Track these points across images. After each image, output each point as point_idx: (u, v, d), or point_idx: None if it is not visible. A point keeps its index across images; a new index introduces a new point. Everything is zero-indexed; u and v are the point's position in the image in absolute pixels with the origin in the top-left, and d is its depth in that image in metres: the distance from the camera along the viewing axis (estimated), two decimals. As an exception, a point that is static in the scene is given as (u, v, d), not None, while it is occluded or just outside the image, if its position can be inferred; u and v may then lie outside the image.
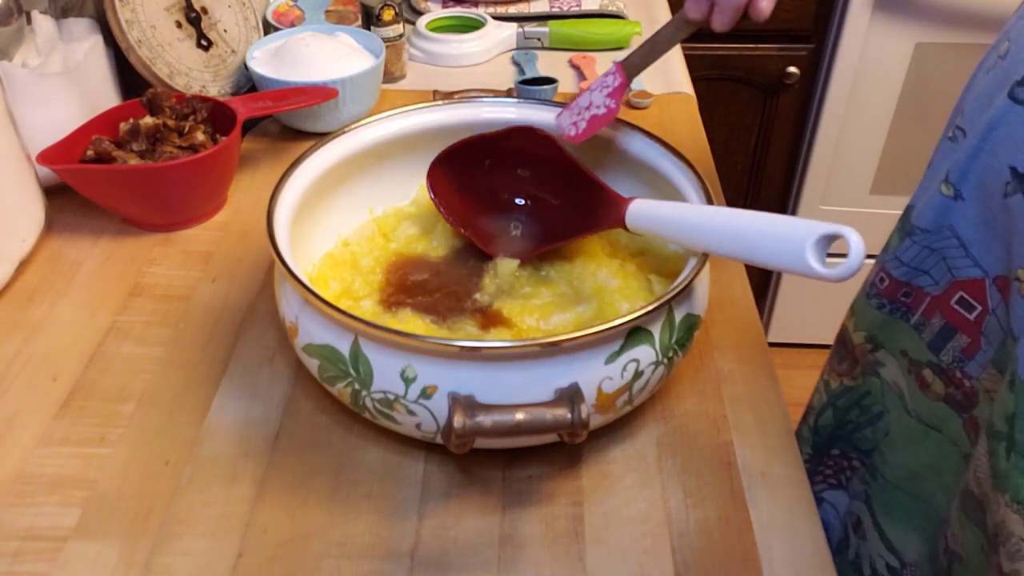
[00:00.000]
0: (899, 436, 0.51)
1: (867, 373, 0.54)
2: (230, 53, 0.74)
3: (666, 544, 0.42)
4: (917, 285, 0.48)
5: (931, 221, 0.47)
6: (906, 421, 0.50)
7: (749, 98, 1.33)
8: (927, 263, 0.47)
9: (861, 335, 0.53)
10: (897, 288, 0.50)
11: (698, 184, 0.49)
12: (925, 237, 0.47)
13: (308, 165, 0.51)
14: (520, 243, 0.54)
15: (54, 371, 0.51)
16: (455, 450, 0.38)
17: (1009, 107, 0.40)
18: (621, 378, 0.42)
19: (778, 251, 0.38)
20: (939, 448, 0.49)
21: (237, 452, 0.46)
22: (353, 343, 0.42)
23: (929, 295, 0.47)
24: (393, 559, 0.42)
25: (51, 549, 0.42)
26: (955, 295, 0.46)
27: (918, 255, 0.48)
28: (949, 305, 0.46)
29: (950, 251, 0.46)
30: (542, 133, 0.52)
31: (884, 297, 0.51)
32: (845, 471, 0.56)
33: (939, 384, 0.48)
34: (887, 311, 0.51)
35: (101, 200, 0.61)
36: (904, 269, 0.49)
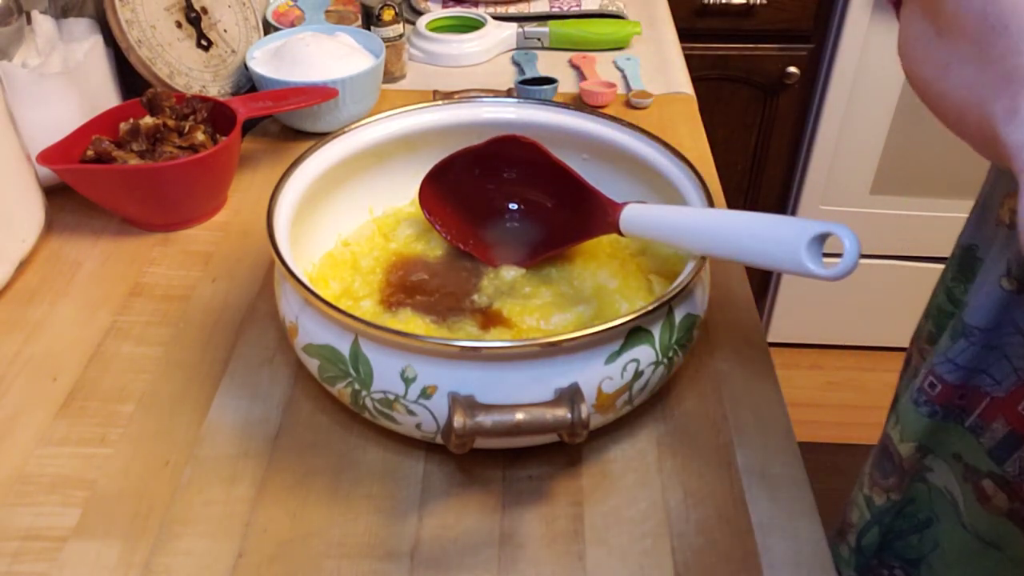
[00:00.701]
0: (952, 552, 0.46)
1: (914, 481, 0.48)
2: (230, 53, 0.74)
3: (666, 544, 0.42)
4: (975, 385, 0.43)
5: (990, 319, 0.41)
6: (960, 535, 0.45)
7: (749, 98, 1.33)
8: (986, 362, 0.42)
9: (910, 447, 0.47)
10: (951, 392, 0.44)
11: (698, 184, 0.49)
12: (983, 336, 0.42)
13: (308, 165, 0.51)
14: (518, 249, 0.54)
15: (54, 371, 0.51)
16: (455, 450, 0.38)
17: None
18: (621, 378, 0.42)
19: (773, 252, 0.38)
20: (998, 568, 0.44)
21: (237, 452, 0.46)
22: (353, 343, 0.42)
23: (989, 395, 0.42)
24: (393, 559, 0.42)
25: (51, 549, 0.42)
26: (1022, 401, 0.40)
27: (976, 356, 0.42)
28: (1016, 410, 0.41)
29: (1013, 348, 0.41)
30: (527, 141, 0.51)
31: (936, 404, 0.45)
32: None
33: (1002, 498, 0.42)
34: (937, 417, 0.45)
35: (101, 200, 0.61)
36: (961, 372, 0.43)
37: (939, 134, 0.50)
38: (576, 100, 0.79)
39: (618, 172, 0.56)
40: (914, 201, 1.37)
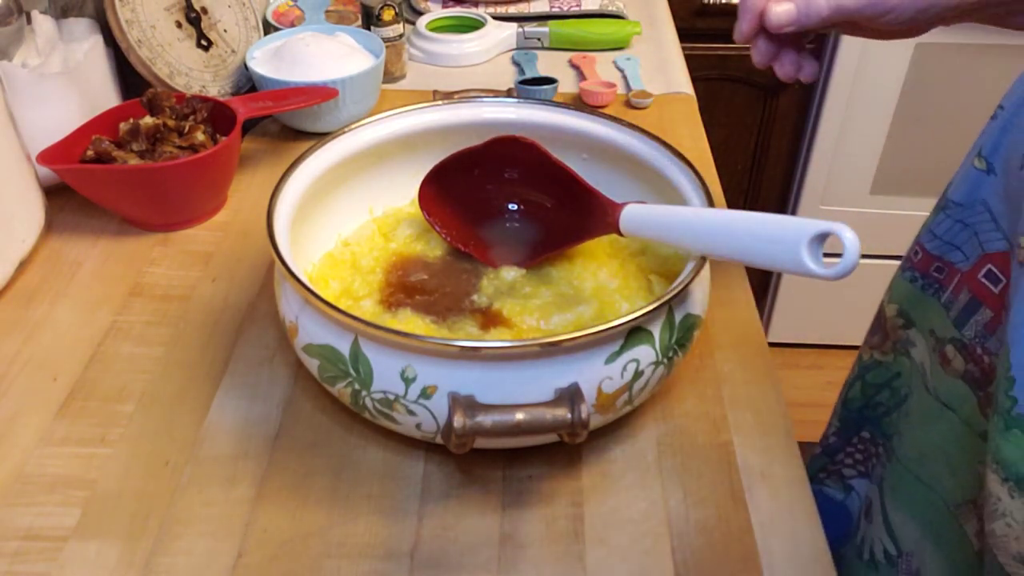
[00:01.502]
0: (916, 415, 0.51)
1: (898, 352, 0.53)
2: (230, 53, 0.74)
3: (666, 544, 0.42)
4: (949, 260, 0.48)
5: (964, 195, 0.47)
6: (925, 399, 0.50)
7: (749, 98, 1.33)
8: (959, 238, 0.47)
9: (893, 308, 0.54)
10: (930, 262, 0.50)
11: (698, 184, 0.49)
12: (958, 211, 0.47)
13: (308, 165, 0.51)
14: (518, 249, 0.54)
15: (54, 371, 0.51)
16: (455, 450, 0.38)
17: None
18: (621, 378, 0.42)
19: (773, 252, 0.38)
20: (951, 429, 0.48)
21: (237, 452, 0.46)
22: (353, 343, 0.42)
23: (960, 272, 0.47)
24: (393, 559, 0.42)
25: (51, 549, 0.42)
26: (984, 268, 0.45)
27: (951, 229, 0.48)
28: (977, 279, 0.46)
29: (982, 225, 0.46)
30: (527, 141, 0.51)
31: (917, 270, 0.51)
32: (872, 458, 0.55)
33: (959, 360, 0.47)
34: (919, 285, 0.51)
35: (101, 200, 0.61)
36: (937, 243, 0.49)
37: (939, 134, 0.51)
38: (576, 100, 0.79)
39: (618, 172, 0.56)
40: (914, 201, 1.37)
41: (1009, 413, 0.38)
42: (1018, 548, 0.38)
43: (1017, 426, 0.38)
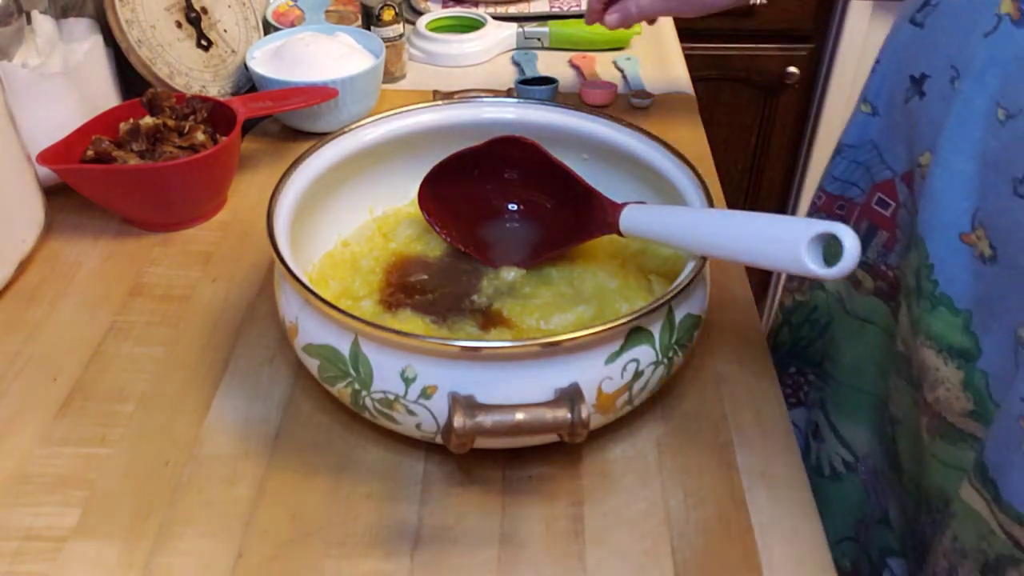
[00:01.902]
0: (842, 337, 0.56)
1: (813, 288, 0.60)
2: (230, 53, 0.74)
3: (666, 544, 0.42)
4: (848, 197, 0.56)
5: (855, 137, 0.55)
6: (846, 321, 0.56)
7: (749, 98, 1.33)
8: (854, 176, 0.55)
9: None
10: (832, 202, 0.57)
11: (698, 184, 0.49)
12: (851, 152, 0.55)
13: (308, 165, 0.51)
14: (518, 250, 0.54)
15: (54, 371, 0.51)
16: (455, 450, 0.38)
17: (910, 30, 0.49)
18: (621, 378, 0.42)
19: (773, 252, 0.38)
20: (875, 338, 0.54)
21: (237, 452, 0.46)
22: (353, 343, 0.42)
23: (858, 205, 0.55)
24: (393, 559, 0.42)
25: (51, 549, 0.42)
26: (875, 197, 0.53)
27: (847, 169, 0.55)
28: (871, 207, 0.54)
29: (871, 161, 0.54)
30: (527, 142, 0.51)
31: (823, 212, 0.58)
32: (803, 387, 0.62)
33: (868, 280, 0.54)
34: None
35: (101, 200, 0.61)
36: (837, 184, 0.56)
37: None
38: (576, 100, 0.79)
39: (618, 172, 0.56)
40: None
41: (933, 295, 0.45)
42: (960, 406, 0.45)
43: (942, 304, 0.45)
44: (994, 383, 0.43)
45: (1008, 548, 0.42)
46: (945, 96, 0.45)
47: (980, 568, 0.44)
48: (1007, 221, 0.41)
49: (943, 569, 0.46)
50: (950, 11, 0.46)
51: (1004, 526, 0.42)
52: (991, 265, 0.42)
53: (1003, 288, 0.42)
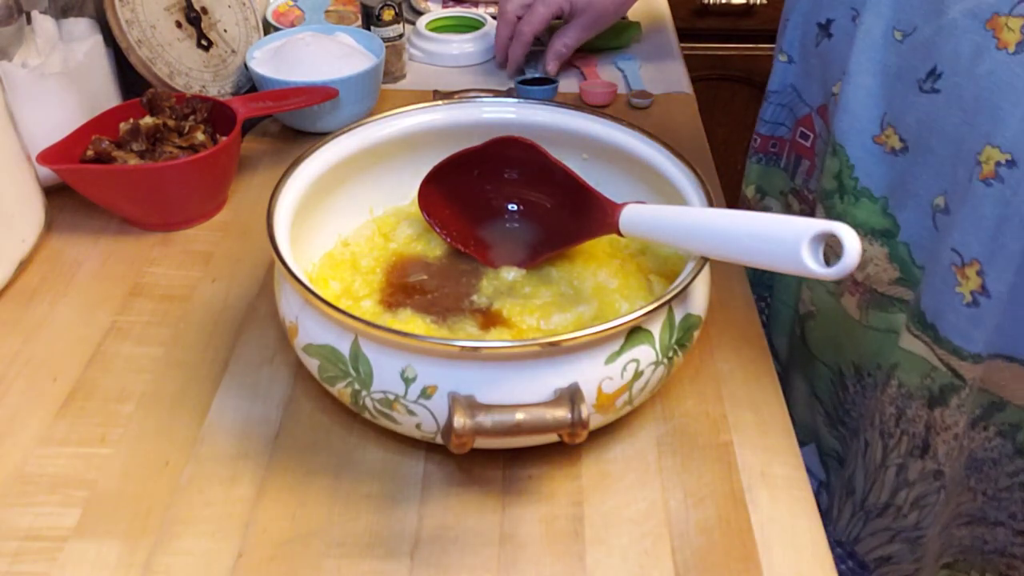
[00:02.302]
0: None
1: None
2: (230, 53, 0.74)
3: (666, 544, 0.42)
4: (778, 136, 0.67)
5: (778, 84, 0.66)
6: None
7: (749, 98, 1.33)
8: (780, 116, 0.67)
9: (751, 188, 0.72)
10: (766, 142, 0.69)
11: (698, 184, 0.49)
12: (776, 96, 0.66)
13: (308, 165, 0.51)
14: (518, 250, 0.54)
15: (54, 371, 0.51)
16: (455, 450, 0.38)
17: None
18: (621, 378, 0.42)
19: (773, 252, 0.38)
20: None
21: (237, 452, 0.46)
22: (353, 343, 0.42)
23: (786, 141, 0.67)
24: (393, 559, 0.42)
25: (51, 549, 0.42)
26: (798, 131, 0.64)
27: (774, 112, 0.67)
28: (796, 140, 0.65)
29: (792, 102, 0.65)
30: (526, 142, 0.51)
31: (760, 153, 0.70)
32: (763, 312, 0.71)
33: (796, 204, 0.66)
34: (763, 163, 0.70)
35: (101, 200, 0.61)
36: (768, 125, 0.68)
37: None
38: (576, 100, 0.79)
39: (618, 172, 0.56)
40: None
41: (855, 189, 0.55)
42: (888, 276, 0.55)
43: (863, 195, 0.55)
44: (916, 250, 0.53)
45: (949, 378, 0.51)
46: (848, 32, 0.54)
47: (927, 402, 0.53)
48: (915, 115, 0.51)
49: (890, 415, 0.56)
50: None
51: (944, 360, 0.51)
52: (902, 155, 0.53)
53: (916, 171, 0.52)
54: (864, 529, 0.60)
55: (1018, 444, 0.53)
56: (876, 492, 0.59)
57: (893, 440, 0.56)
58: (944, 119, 0.49)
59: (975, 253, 0.48)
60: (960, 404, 0.52)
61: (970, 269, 0.48)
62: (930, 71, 0.49)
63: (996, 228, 0.47)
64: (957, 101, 0.48)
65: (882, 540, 0.60)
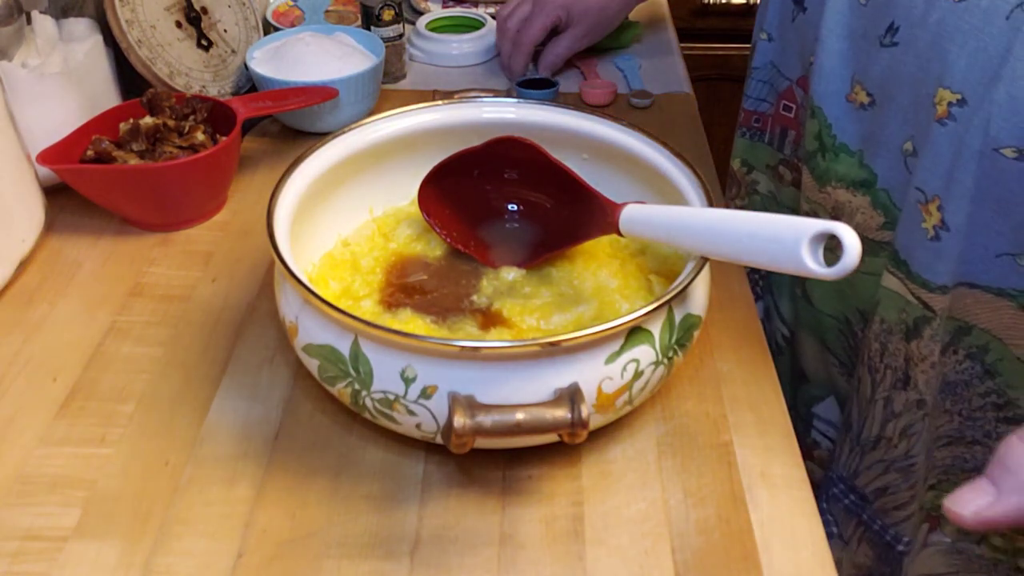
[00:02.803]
0: None
1: (750, 193, 0.73)
2: (230, 53, 0.74)
3: (666, 544, 0.42)
4: (761, 111, 0.70)
5: (759, 61, 0.69)
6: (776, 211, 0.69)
7: (749, 98, 1.33)
8: (763, 92, 0.70)
9: (737, 162, 0.74)
10: (750, 116, 0.71)
11: (698, 184, 0.49)
12: (758, 73, 0.69)
13: (308, 165, 0.51)
14: (518, 250, 0.54)
15: (54, 371, 0.51)
16: (455, 450, 0.38)
17: None
18: (621, 378, 0.42)
19: (773, 251, 0.37)
20: None
21: (237, 452, 0.46)
22: (353, 343, 0.42)
23: (769, 115, 0.69)
24: (393, 559, 0.42)
25: (51, 549, 0.42)
26: (781, 104, 0.68)
27: (757, 88, 0.70)
28: (779, 113, 0.68)
29: (773, 78, 0.68)
30: (526, 142, 0.51)
31: (744, 127, 0.73)
32: (758, 283, 0.74)
33: (788, 173, 0.69)
34: (748, 137, 0.73)
35: (101, 200, 0.61)
36: (752, 101, 0.71)
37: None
38: (576, 100, 0.79)
39: (618, 172, 0.56)
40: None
41: (834, 146, 0.59)
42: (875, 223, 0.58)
43: (842, 151, 0.59)
44: (895, 194, 0.56)
45: (921, 311, 0.55)
46: (820, 3, 0.58)
47: (904, 335, 0.56)
48: (878, 69, 0.54)
49: (875, 351, 0.59)
50: None
51: (915, 294, 0.54)
52: (870, 109, 0.56)
53: (883, 121, 0.55)
54: (861, 463, 0.63)
55: (986, 365, 0.56)
56: (868, 426, 0.61)
57: (879, 375, 0.59)
58: (902, 69, 0.52)
59: (935, 189, 0.51)
60: (933, 334, 0.55)
61: (932, 205, 0.51)
62: (888, 26, 0.53)
63: (951, 164, 0.50)
64: (912, 50, 0.51)
65: (878, 472, 0.62)
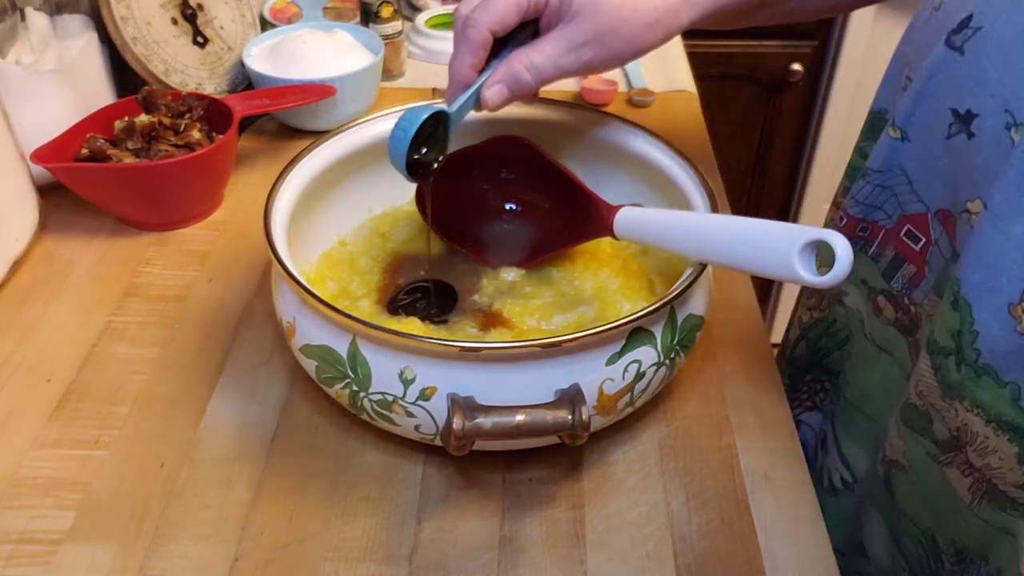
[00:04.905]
0: (858, 358, 0.55)
1: (833, 303, 0.57)
2: (226, 50, 0.74)
3: (668, 548, 0.42)
4: (873, 220, 0.52)
5: (882, 162, 0.50)
6: (863, 344, 0.54)
7: (752, 96, 1.33)
8: (880, 199, 0.51)
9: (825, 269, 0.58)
10: (855, 225, 0.54)
11: (700, 183, 0.49)
12: (878, 177, 0.51)
13: (305, 164, 0.51)
14: (515, 250, 0.54)
15: (48, 372, 0.51)
16: (454, 452, 0.37)
17: (947, 54, 0.44)
18: (622, 379, 0.41)
19: (765, 259, 0.37)
20: (888, 370, 0.52)
21: (233, 454, 0.46)
22: (351, 344, 0.41)
23: (883, 228, 0.51)
24: (391, 562, 0.41)
25: (45, 552, 0.41)
26: (904, 228, 0.50)
27: (871, 193, 0.52)
28: (899, 237, 0.50)
29: (899, 188, 0.50)
30: (524, 141, 0.51)
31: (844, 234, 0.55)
32: (819, 393, 0.60)
33: (890, 310, 0.51)
34: None
35: (96, 199, 0.61)
36: (860, 207, 0.53)
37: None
38: (577, 98, 0.78)
39: (619, 171, 0.55)
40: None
41: (976, 363, 0.42)
42: (1014, 479, 0.42)
43: (987, 374, 0.42)
44: None
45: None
46: (1000, 143, 0.40)
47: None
48: None
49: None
50: (998, 41, 0.40)
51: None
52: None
53: None
54: None
55: None
56: None
57: None
58: None
59: None
60: None
61: None
62: None
63: None
64: None
65: None
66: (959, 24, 0.43)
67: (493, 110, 0.47)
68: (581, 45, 0.45)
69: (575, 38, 0.45)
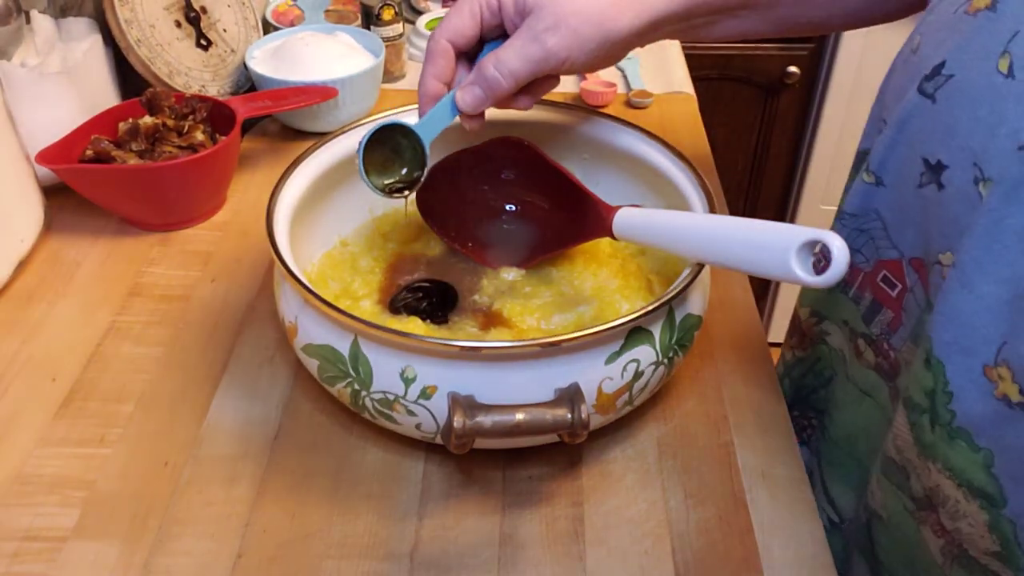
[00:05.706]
0: (841, 399, 0.54)
1: (816, 343, 0.56)
2: (229, 52, 0.74)
3: (666, 545, 0.42)
4: (854, 262, 0.50)
5: (857, 207, 0.49)
6: (847, 386, 0.53)
7: (750, 98, 1.33)
8: (858, 243, 0.49)
9: (806, 310, 0.56)
10: None
11: (698, 184, 0.49)
12: (853, 220, 0.49)
13: (307, 165, 0.51)
14: (515, 250, 0.54)
15: (53, 371, 0.51)
16: (455, 450, 0.38)
17: (920, 101, 0.42)
18: (621, 378, 0.42)
19: (762, 259, 0.37)
20: (871, 412, 0.51)
21: (236, 452, 0.46)
22: (353, 343, 0.41)
23: (862, 271, 0.50)
24: (393, 560, 0.41)
25: (50, 550, 0.41)
26: (880, 273, 0.48)
27: (849, 236, 0.50)
28: (876, 282, 0.48)
29: (875, 232, 0.48)
30: (524, 142, 0.51)
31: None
32: (806, 429, 0.59)
33: (870, 354, 0.50)
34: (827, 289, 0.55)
35: (100, 200, 0.61)
36: None
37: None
38: (576, 100, 0.79)
39: (618, 172, 0.55)
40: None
41: (950, 425, 0.40)
42: (984, 545, 0.40)
43: (959, 437, 0.40)
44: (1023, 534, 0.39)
45: None
46: (968, 198, 0.39)
47: None
48: None
49: None
50: (968, 92, 0.39)
51: None
52: (1020, 411, 0.37)
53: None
54: None
55: None
56: None
57: None
58: None
59: None
60: None
61: None
62: None
63: None
64: None
65: None
66: (932, 70, 0.41)
67: (472, 115, 0.47)
68: (542, 32, 0.45)
69: (535, 26, 0.45)
